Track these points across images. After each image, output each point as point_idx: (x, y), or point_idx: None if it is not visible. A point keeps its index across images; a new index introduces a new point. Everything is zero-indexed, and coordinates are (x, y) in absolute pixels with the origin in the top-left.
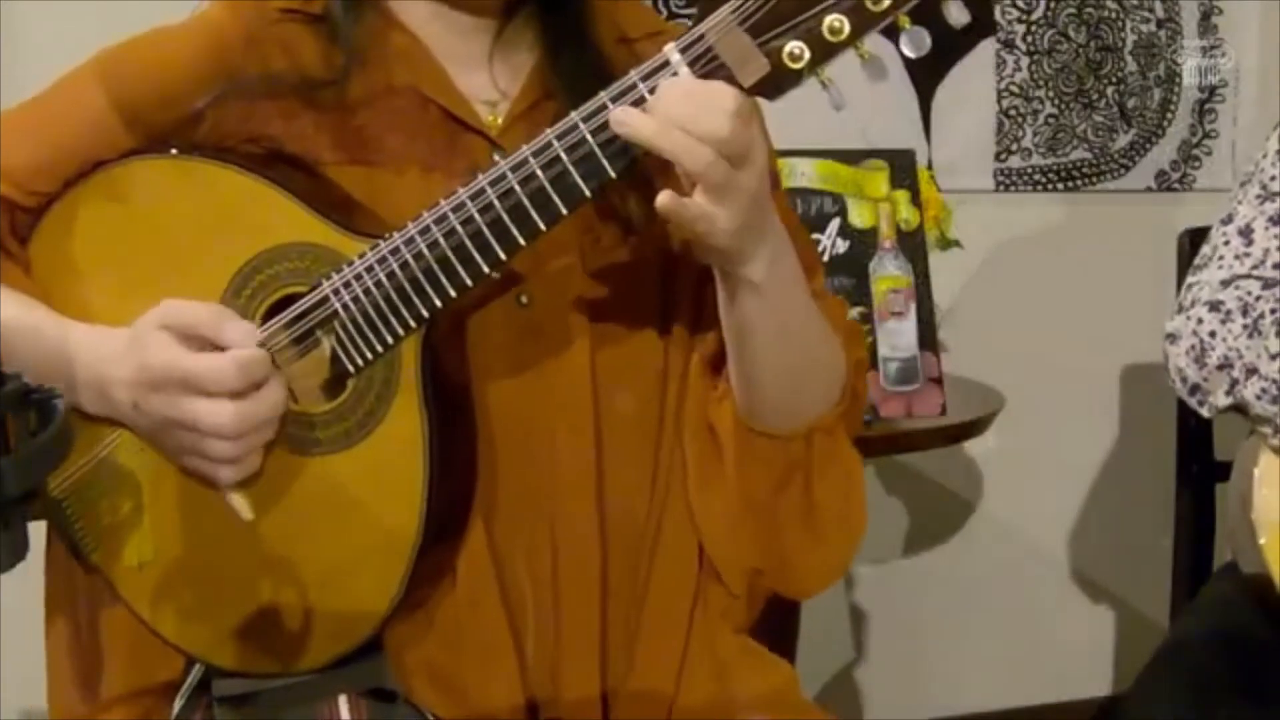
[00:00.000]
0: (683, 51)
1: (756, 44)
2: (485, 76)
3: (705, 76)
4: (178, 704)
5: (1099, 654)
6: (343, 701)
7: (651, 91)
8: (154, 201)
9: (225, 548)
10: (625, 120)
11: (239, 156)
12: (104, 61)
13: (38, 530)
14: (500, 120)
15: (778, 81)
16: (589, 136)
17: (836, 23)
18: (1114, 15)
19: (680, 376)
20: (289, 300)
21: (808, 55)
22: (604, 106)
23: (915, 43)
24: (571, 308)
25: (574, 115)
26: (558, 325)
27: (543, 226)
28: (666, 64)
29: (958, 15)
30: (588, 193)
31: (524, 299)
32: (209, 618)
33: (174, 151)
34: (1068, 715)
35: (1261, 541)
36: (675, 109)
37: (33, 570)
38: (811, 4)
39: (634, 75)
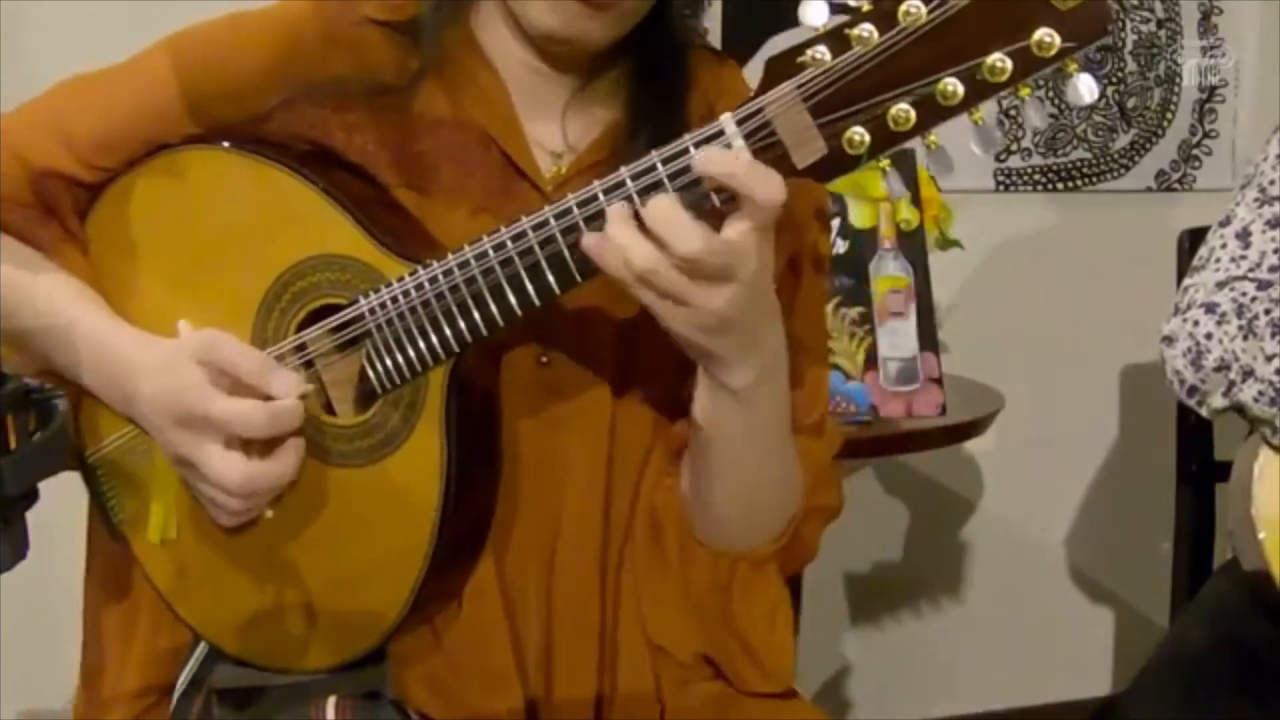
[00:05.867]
0: (739, 124)
1: (817, 124)
2: (556, 127)
3: (759, 152)
4: (176, 694)
5: (1099, 654)
6: (330, 703)
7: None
8: (211, 192)
9: (243, 539)
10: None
11: (299, 162)
12: (178, 44)
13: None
14: (564, 171)
15: (833, 166)
16: (635, 197)
17: (902, 113)
18: (1114, 15)
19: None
20: (327, 310)
21: (868, 142)
22: (654, 167)
23: (986, 140)
24: (594, 360)
25: (623, 170)
26: (579, 377)
27: (579, 277)
28: (721, 133)
29: (1084, 94)
30: None
31: (545, 359)
32: (221, 604)
33: (236, 146)
34: (1068, 715)
35: (1261, 537)
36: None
37: (34, 570)
38: (880, 90)
39: (688, 139)
